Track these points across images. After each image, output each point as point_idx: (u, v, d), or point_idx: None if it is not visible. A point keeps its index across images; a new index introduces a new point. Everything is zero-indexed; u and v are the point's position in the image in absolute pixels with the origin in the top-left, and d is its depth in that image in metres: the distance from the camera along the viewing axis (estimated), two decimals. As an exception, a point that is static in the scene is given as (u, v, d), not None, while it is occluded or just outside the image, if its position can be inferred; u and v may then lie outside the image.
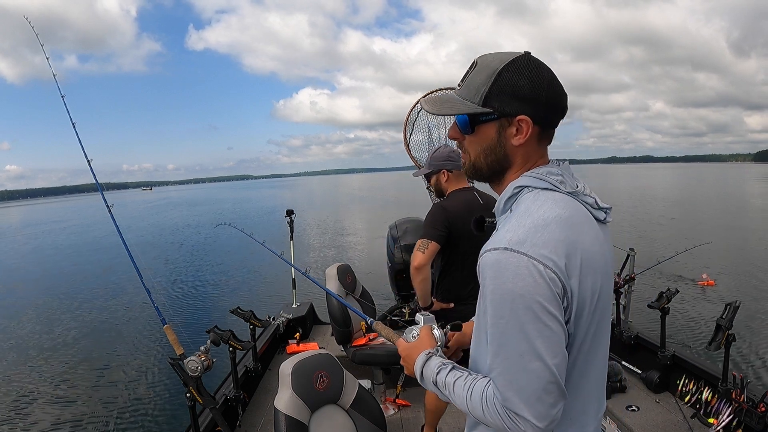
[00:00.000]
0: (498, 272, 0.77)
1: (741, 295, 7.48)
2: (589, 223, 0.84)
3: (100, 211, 2.20)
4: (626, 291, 3.28)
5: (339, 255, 13.57)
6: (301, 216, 6.55)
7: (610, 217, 0.92)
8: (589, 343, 0.83)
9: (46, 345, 7.28)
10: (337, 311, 2.91)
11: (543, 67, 0.85)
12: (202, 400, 2.01)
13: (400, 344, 1.05)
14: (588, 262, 0.79)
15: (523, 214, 0.81)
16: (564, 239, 0.77)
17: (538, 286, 0.74)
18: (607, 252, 0.87)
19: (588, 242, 0.81)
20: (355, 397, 1.81)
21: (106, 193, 2.27)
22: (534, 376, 0.76)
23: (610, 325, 0.92)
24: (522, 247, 0.76)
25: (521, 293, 0.75)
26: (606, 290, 0.84)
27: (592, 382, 0.88)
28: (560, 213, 0.80)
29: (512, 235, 0.78)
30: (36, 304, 9.96)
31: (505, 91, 0.83)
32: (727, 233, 14.24)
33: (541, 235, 0.76)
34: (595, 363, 0.87)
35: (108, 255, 15.49)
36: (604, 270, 0.83)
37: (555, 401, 0.77)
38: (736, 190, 39.21)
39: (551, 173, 0.85)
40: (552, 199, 0.82)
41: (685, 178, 69.36)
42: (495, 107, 0.84)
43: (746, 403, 2.19)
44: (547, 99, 0.84)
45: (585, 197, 0.87)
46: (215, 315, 7.91)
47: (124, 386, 5.56)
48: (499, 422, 0.80)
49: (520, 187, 0.85)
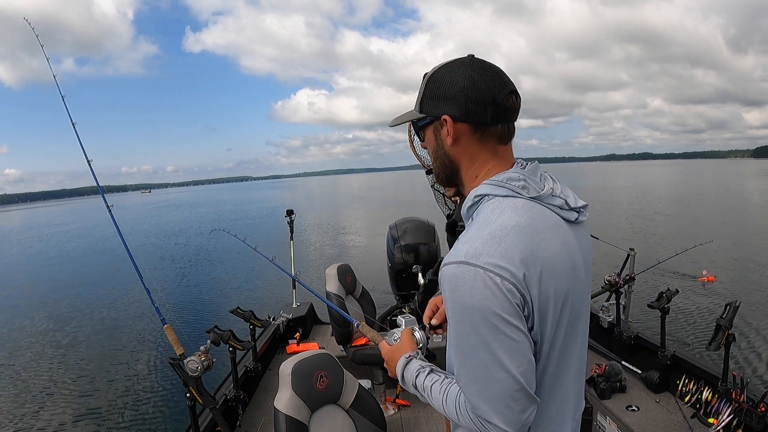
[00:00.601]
0: (455, 286, 0.77)
1: (741, 294, 7.49)
2: (554, 228, 0.83)
3: (101, 214, 2.21)
4: (626, 291, 3.27)
5: (339, 255, 13.58)
6: (301, 216, 6.57)
7: (585, 216, 0.91)
8: (560, 347, 0.83)
9: (47, 345, 7.28)
10: (336, 312, 2.91)
11: (469, 66, 0.85)
12: (202, 400, 2.01)
13: (383, 347, 1.07)
14: (549, 270, 0.78)
15: (481, 224, 0.80)
16: (522, 249, 0.76)
17: (495, 298, 0.74)
18: (576, 254, 0.85)
19: (551, 249, 0.80)
20: (355, 397, 1.81)
21: (105, 195, 2.27)
22: (500, 385, 0.77)
23: (585, 326, 0.91)
24: (478, 260, 0.76)
25: (479, 307, 0.75)
26: (576, 293, 0.84)
27: (568, 384, 0.88)
28: (519, 221, 0.79)
29: (468, 247, 0.78)
30: (37, 306, 9.96)
31: (432, 94, 0.87)
32: (727, 231, 14.24)
33: (498, 247, 0.76)
34: (568, 365, 0.87)
35: (109, 256, 15.50)
36: (572, 274, 0.83)
37: (523, 407, 0.78)
38: (735, 186, 39.21)
39: (512, 179, 0.83)
40: (512, 207, 0.81)
41: (684, 175, 69.27)
42: (426, 111, 0.88)
43: (746, 403, 2.18)
44: (467, 95, 0.83)
45: (552, 199, 0.85)
46: (215, 315, 7.91)
47: (124, 386, 5.56)
48: (473, 426, 0.82)
49: (480, 196, 0.85)
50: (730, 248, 11.51)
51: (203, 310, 8.61)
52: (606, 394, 2.71)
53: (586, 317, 0.91)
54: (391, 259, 3.71)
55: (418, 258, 3.60)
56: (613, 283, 3.16)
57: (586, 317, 0.91)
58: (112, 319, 8.44)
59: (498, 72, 0.86)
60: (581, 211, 0.89)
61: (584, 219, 0.91)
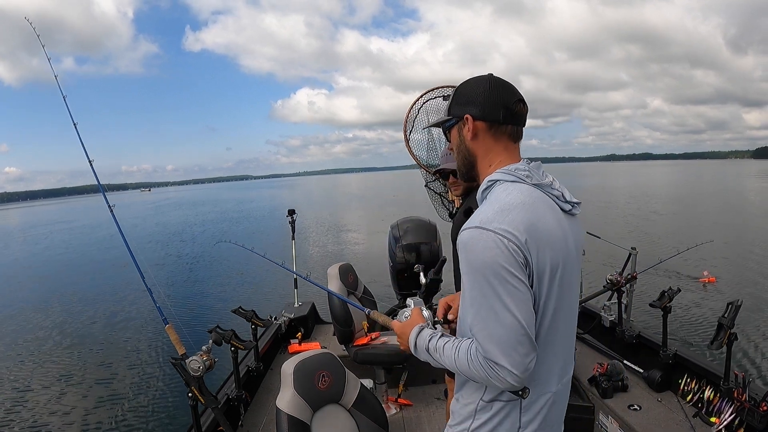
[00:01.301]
0: (471, 246, 0.94)
1: (742, 293, 7.48)
2: (551, 210, 1.01)
3: (103, 212, 2.21)
4: (628, 290, 3.27)
5: (340, 254, 13.58)
6: (302, 216, 6.61)
7: (577, 210, 1.07)
8: (552, 311, 0.99)
9: (48, 344, 7.30)
10: (338, 311, 2.91)
11: (489, 80, 1.07)
12: (204, 400, 2.01)
13: (395, 324, 1.22)
14: (546, 240, 0.95)
15: (493, 200, 0.99)
16: (525, 220, 0.93)
17: (503, 255, 0.91)
18: (570, 236, 1.02)
19: (548, 224, 0.97)
20: (357, 396, 1.81)
21: (106, 194, 2.26)
22: (508, 329, 0.91)
23: (575, 300, 1.08)
24: (490, 225, 0.93)
25: (490, 262, 0.91)
26: (568, 268, 1.01)
27: (556, 348, 1.03)
28: (523, 200, 0.97)
29: (483, 216, 0.95)
30: (39, 304, 9.97)
31: (458, 101, 1.09)
32: (727, 231, 14.23)
33: (506, 217, 0.93)
34: (557, 331, 1.02)
35: (111, 255, 15.51)
36: (565, 250, 1.00)
37: (527, 351, 0.92)
38: (736, 187, 39.18)
39: (519, 169, 1.02)
40: (518, 189, 0.99)
41: (685, 175, 69.22)
42: (452, 113, 1.11)
43: (748, 402, 2.18)
44: (484, 99, 1.05)
45: (552, 189, 1.03)
46: (217, 315, 7.92)
47: (126, 386, 5.57)
48: (483, 373, 0.94)
49: (492, 181, 1.03)
50: (731, 248, 11.51)
51: (205, 309, 8.63)
52: (608, 393, 2.71)
53: (575, 294, 1.07)
54: (392, 259, 3.71)
55: (420, 257, 3.60)
56: (615, 282, 3.16)
57: (575, 294, 1.07)
58: (114, 319, 8.45)
59: (509, 85, 1.07)
60: (575, 206, 1.07)
61: (577, 212, 1.08)
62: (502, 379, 0.93)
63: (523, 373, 0.92)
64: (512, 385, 0.94)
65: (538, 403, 1.04)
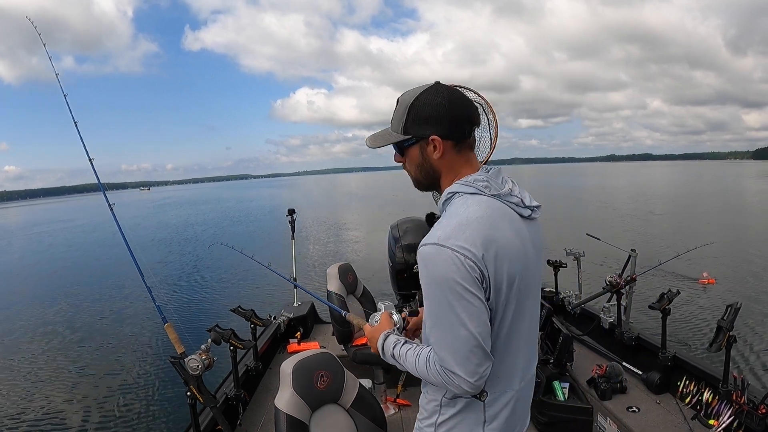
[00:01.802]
0: (429, 261, 0.97)
1: (741, 296, 7.48)
2: (509, 221, 1.03)
3: (104, 211, 2.21)
4: (627, 292, 3.26)
5: (340, 254, 13.58)
6: (302, 215, 6.61)
7: (537, 214, 1.10)
8: (510, 318, 1.03)
9: (47, 343, 7.30)
10: (337, 311, 2.91)
11: (445, 93, 1.04)
12: (202, 399, 2.01)
13: (366, 328, 1.28)
14: (503, 253, 0.98)
15: (451, 215, 1.01)
16: (482, 235, 0.96)
17: (459, 271, 0.94)
18: (528, 243, 1.05)
19: (506, 237, 1.00)
20: (356, 396, 1.81)
21: (105, 193, 2.26)
22: (462, 341, 0.96)
23: (536, 302, 1.12)
24: (447, 242, 0.95)
25: (447, 277, 0.95)
26: (526, 275, 1.04)
27: (517, 349, 1.08)
28: (481, 214, 0.99)
29: (441, 233, 0.97)
30: (40, 302, 9.99)
31: (417, 119, 1.05)
32: (727, 232, 14.24)
33: (463, 233, 0.96)
34: (518, 333, 1.06)
35: (110, 253, 15.51)
36: (523, 260, 1.02)
37: (480, 362, 0.97)
38: (735, 188, 39.18)
39: (477, 180, 1.03)
40: (476, 202, 1.01)
41: (684, 176, 69.19)
42: (412, 133, 1.06)
43: (747, 404, 2.18)
44: (450, 118, 1.04)
45: (510, 197, 1.04)
46: (216, 314, 7.91)
47: (124, 384, 5.57)
48: (440, 380, 1.00)
49: (452, 193, 1.05)
50: (731, 250, 11.51)
51: (204, 308, 8.63)
52: (607, 395, 2.71)
53: (534, 297, 1.11)
54: (392, 259, 3.71)
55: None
56: (615, 283, 3.15)
57: (534, 297, 1.11)
58: (113, 318, 8.45)
59: (463, 96, 1.08)
60: (534, 210, 1.09)
61: (537, 216, 1.10)
62: (457, 386, 0.99)
63: (477, 381, 0.98)
64: (467, 392, 1.00)
65: (501, 401, 1.09)
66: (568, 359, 2.84)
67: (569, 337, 2.78)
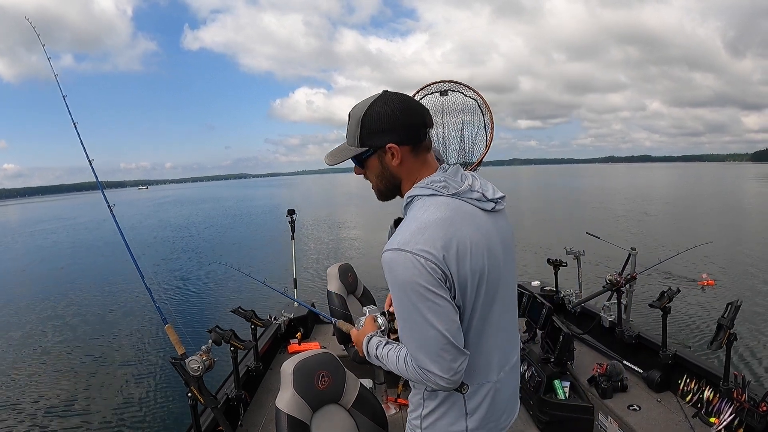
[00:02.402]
0: (392, 266, 1.00)
1: (741, 295, 7.49)
2: (470, 218, 1.04)
3: (104, 210, 2.20)
4: (627, 290, 3.26)
5: (340, 254, 13.58)
6: (301, 215, 6.59)
7: (501, 205, 1.12)
8: (479, 312, 1.06)
9: (47, 343, 7.28)
10: (338, 311, 2.91)
11: (395, 101, 1.07)
12: (203, 400, 2.00)
13: (352, 333, 1.37)
14: (464, 252, 1.00)
15: (411, 219, 1.04)
16: (441, 237, 0.98)
17: (421, 274, 0.97)
18: (493, 237, 1.07)
19: (467, 235, 1.01)
20: (357, 396, 1.81)
21: (104, 192, 2.26)
22: (432, 341, 0.99)
23: (506, 295, 1.14)
24: (407, 246, 0.98)
25: (409, 281, 0.98)
26: (493, 270, 1.06)
27: (491, 342, 1.12)
28: (439, 215, 1.01)
29: (401, 237, 1.01)
30: (38, 302, 9.95)
31: (371, 130, 1.07)
32: (727, 232, 14.26)
33: (422, 236, 0.98)
34: (490, 326, 1.10)
35: (112, 252, 15.49)
36: (486, 254, 1.04)
37: (454, 358, 1.01)
38: (735, 189, 39.21)
39: (434, 182, 1.06)
40: (434, 204, 1.03)
41: (684, 177, 69.25)
42: (369, 145, 1.08)
43: (748, 402, 2.18)
44: (402, 124, 1.06)
45: (470, 194, 1.06)
46: (216, 315, 7.91)
47: (125, 386, 5.56)
48: (418, 377, 1.05)
49: (411, 197, 1.08)
50: (730, 249, 11.52)
51: (204, 309, 8.61)
52: (607, 394, 2.71)
53: (505, 288, 1.13)
54: None
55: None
56: (615, 282, 3.16)
57: (505, 288, 1.13)
58: (114, 319, 8.44)
59: (413, 100, 1.10)
60: (498, 201, 1.11)
61: (501, 208, 1.12)
62: (434, 382, 1.03)
63: (453, 376, 1.02)
64: (445, 387, 1.05)
65: (480, 393, 1.13)
66: (568, 358, 2.84)
67: (570, 335, 2.78)
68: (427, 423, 1.16)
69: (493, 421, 1.17)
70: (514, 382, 1.25)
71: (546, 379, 2.64)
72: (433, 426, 1.15)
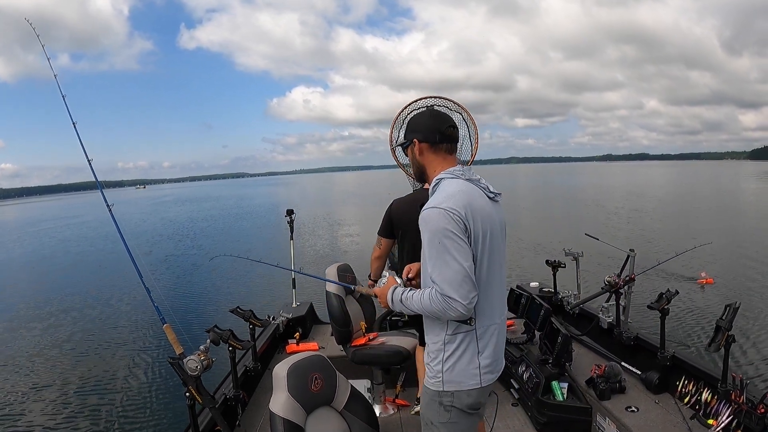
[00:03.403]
0: (429, 219, 1.38)
1: (740, 296, 7.50)
2: (480, 195, 1.46)
3: (103, 209, 2.20)
4: (626, 292, 3.26)
5: (338, 254, 13.56)
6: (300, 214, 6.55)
7: (499, 198, 1.53)
8: (486, 263, 1.42)
9: (45, 343, 7.27)
10: (336, 311, 2.90)
11: (425, 113, 1.67)
12: (201, 400, 2.00)
13: (376, 290, 1.64)
14: (478, 214, 1.39)
15: (441, 190, 1.46)
16: (464, 201, 1.38)
17: (450, 222, 1.35)
18: (495, 215, 1.47)
19: (479, 204, 1.42)
20: (348, 398, 1.81)
21: (103, 192, 2.25)
22: (455, 271, 1.33)
23: (502, 261, 1.51)
24: (441, 205, 1.37)
25: (442, 227, 1.35)
26: (494, 235, 1.44)
27: (494, 290, 1.47)
28: (462, 188, 1.43)
29: (435, 200, 1.41)
30: (37, 302, 9.94)
31: (409, 129, 1.60)
32: (726, 232, 14.26)
33: (451, 199, 1.38)
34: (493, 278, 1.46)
35: (108, 253, 15.46)
36: (491, 222, 1.44)
37: (470, 289, 1.34)
38: (733, 188, 39.26)
39: (456, 170, 1.48)
40: (458, 182, 1.45)
41: (682, 176, 69.21)
42: (407, 138, 1.59)
43: (746, 404, 2.18)
44: (425, 128, 1.55)
45: (479, 183, 1.48)
46: (215, 314, 7.90)
47: (123, 385, 5.55)
48: (440, 306, 1.34)
49: (439, 179, 1.49)
50: (729, 250, 11.53)
51: (203, 309, 8.60)
52: (605, 395, 2.71)
53: (499, 256, 1.49)
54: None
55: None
56: (613, 283, 3.16)
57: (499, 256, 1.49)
58: (112, 318, 8.43)
59: (443, 115, 1.62)
60: (496, 194, 1.52)
61: (498, 200, 1.53)
62: (454, 308, 1.32)
63: (469, 304, 1.33)
64: (462, 314, 1.34)
65: (488, 332, 1.46)
66: (567, 359, 2.84)
67: (568, 337, 2.78)
68: (449, 365, 1.45)
69: (495, 362, 1.49)
70: (503, 336, 1.57)
71: (544, 381, 2.64)
72: (452, 367, 1.45)
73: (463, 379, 1.44)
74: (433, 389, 1.49)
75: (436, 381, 1.47)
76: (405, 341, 2.84)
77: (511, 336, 3.40)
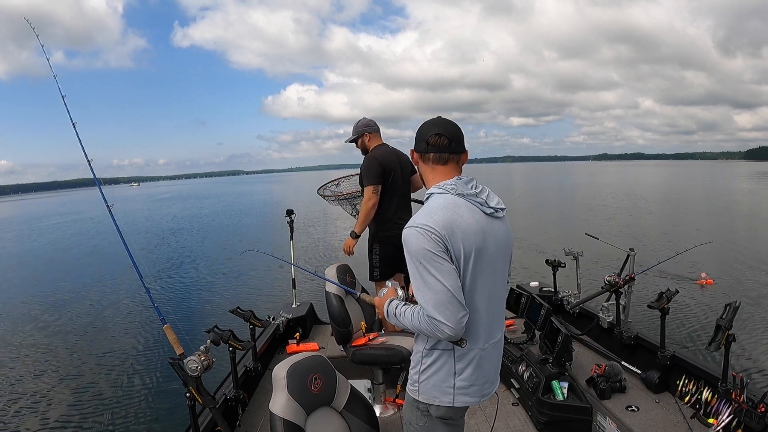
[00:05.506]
0: (407, 239, 1.33)
1: (740, 295, 7.50)
2: (470, 211, 1.36)
3: (102, 206, 2.19)
4: (626, 291, 3.26)
5: (337, 254, 13.55)
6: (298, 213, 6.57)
7: (501, 214, 1.43)
8: (470, 284, 1.35)
9: (45, 344, 7.26)
10: (336, 311, 2.89)
11: (425, 123, 1.49)
12: (201, 400, 2.00)
13: (375, 300, 1.66)
14: (461, 231, 1.31)
15: (424, 207, 1.40)
16: (443, 218, 1.31)
17: (427, 242, 1.29)
18: (488, 231, 1.37)
19: (465, 222, 1.33)
20: (348, 398, 1.81)
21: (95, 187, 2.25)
22: (438, 294, 1.28)
23: (499, 280, 1.45)
24: (417, 224, 1.32)
25: (420, 247, 1.30)
26: (485, 254, 1.36)
27: (479, 313, 1.39)
28: (445, 204, 1.35)
29: (414, 219, 1.35)
30: (36, 302, 9.92)
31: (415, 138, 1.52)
32: (725, 232, 14.28)
33: (429, 216, 1.32)
34: (480, 299, 1.38)
35: (107, 253, 15.43)
36: (483, 241, 1.35)
37: (457, 309, 1.28)
38: (730, 188, 39.30)
39: (447, 184, 1.40)
40: (443, 198, 1.37)
41: (678, 176, 69.29)
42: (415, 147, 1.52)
43: (746, 403, 2.18)
44: (418, 138, 1.48)
45: (476, 198, 1.39)
46: (215, 315, 7.90)
47: (123, 386, 5.55)
48: (429, 327, 1.30)
49: (428, 194, 1.44)
50: (729, 249, 11.55)
51: (203, 309, 8.60)
52: (606, 395, 2.71)
53: (493, 272, 1.41)
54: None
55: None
56: (613, 283, 3.15)
57: (493, 272, 1.41)
58: (112, 319, 8.41)
59: (436, 123, 1.46)
60: (497, 210, 1.42)
61: (500, 216, 1.43)
62: (441, 330, 1.28)
63: (457, 325, 1.28)
64: (450, 336, 1.29)
65: (468, 356, 1.41)
66: (567, 359, 2.84)
67: (568, 336, 2.78)
68: (424, 377, 1.45)
69: (477, 385, 1.44)
70: (497, 357, 1.53)
71: (544, 380, 2.63)
72: (428, 380, 1.44)
73: (436, 395, 1.43)
74: (410, 395, 1.50)
75: (413, 389, 1.48)
76: (405, 341, 2.84)
77: (511, 336, 3.40)
